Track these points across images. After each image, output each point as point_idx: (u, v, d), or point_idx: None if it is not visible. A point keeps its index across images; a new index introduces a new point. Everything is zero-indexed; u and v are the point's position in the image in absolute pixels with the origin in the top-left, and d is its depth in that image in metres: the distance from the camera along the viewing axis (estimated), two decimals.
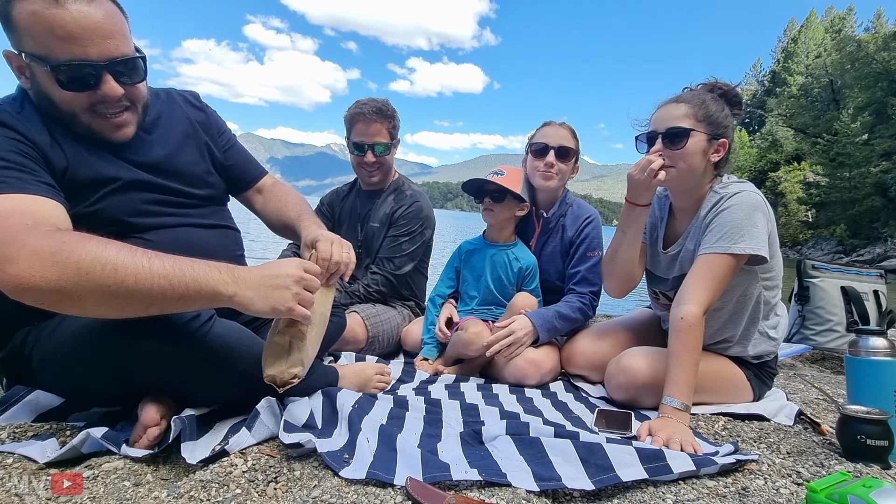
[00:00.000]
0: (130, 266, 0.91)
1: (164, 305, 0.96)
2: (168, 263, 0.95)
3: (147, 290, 0.92)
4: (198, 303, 1.00)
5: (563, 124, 2.13)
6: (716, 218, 1.51)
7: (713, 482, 1.09)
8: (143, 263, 0.92)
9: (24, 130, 1.08)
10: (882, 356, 1.35)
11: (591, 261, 2.04)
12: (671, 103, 1.58)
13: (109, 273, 0.90)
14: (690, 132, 1.52)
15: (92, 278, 0.89)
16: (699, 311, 1.42)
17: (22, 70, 1.12)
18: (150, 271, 0.92)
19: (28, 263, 0.88)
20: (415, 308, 2.49)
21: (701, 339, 1.43)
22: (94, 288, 0.90)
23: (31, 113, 1.12)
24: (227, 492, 0.94)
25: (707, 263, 1.47)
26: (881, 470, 1.19)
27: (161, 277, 0.93)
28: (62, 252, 0.89)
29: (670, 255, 1.71)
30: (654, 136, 1.57)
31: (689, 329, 1.41)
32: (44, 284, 0.88)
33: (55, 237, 0.92)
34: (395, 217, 2.34)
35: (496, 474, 1.02)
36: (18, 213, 0.95)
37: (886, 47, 25.54)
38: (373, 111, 2.25)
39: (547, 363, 1.88)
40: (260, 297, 1.04)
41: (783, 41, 48.73)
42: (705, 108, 1.54)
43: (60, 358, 1.12)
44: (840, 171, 26.94)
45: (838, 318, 2.85)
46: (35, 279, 0.88)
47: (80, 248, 0.91)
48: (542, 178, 2.06)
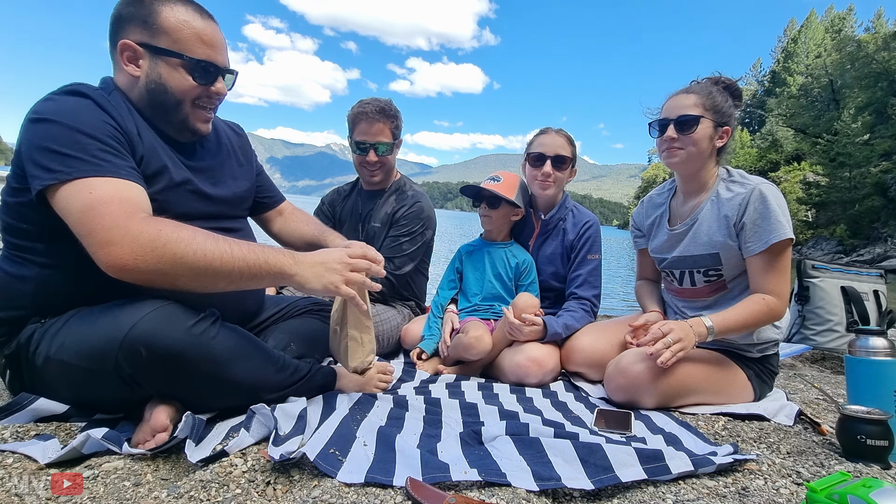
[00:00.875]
0: (216, 252, 1.09)
1: (241, 283, 1.14)
2: (245, 248, 1.14)
3: (230, 270, 1.11)
4: (267, 280, 1.21)
5: (560, 131, 2.17)
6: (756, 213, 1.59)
7: (713, 482, 1.09)
8: (225, 249, 1.11)
9: (116, 116, 1.20)
10: (882, 356, 1.35)
11: (591, 264, 2.11)
12: (682, 94, 1.71)
13: (200, 258, 1.07)
14: (700, 119, 1.65)
15: (185, 262, 1.06)
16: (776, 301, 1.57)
17: (133, 59, 1.26)
18: (231, 255, 1.11)
19: (131, 248, 1.03)
20: (415, 308, 2.49)
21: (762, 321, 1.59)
22: (187, 270, 1.07)
23: (119, 102, 1.25)
24: (227, 492, 0.94)
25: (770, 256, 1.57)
26: (881, 470, 1.19)
27: (240, 260, 1.12)
28: (160, 239, 1.04)
29: (676, 234, 1.79)
30: (667, 122, 1.70)
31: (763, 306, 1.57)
32: (144, 267, 1.04)
33: (153, 225, 1.06)
34: (397, 217, 2.34)
35: (496, 474, 1.02)
36: (118, 199, 1.07)
37: (886, 47, 25.54)
38: (376, 110, 2.26)
39: (549, 362, 1.89)
40: (315, 277, 1.23)
41: (783, 41, 48.75)
42: (712, 98, 1.67)
43: (64, 359, 1.12)
44: (840, 171, 26.94)
45: (838, 318, 2.85)
46: (137, 262, 1.03)
47: (175, 236, 1.06)
48: (539, 186, 2.13)
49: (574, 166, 2.18)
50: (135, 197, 1.11)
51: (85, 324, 1.13)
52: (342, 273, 1.27)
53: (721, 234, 1.65)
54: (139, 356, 1.05)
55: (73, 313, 1.17)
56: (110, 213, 1.04)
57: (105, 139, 1.13)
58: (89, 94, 1.18)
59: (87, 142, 1.11)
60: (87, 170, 1.08)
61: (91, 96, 1.18)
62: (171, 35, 1.24)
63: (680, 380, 1.58)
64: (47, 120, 1.11)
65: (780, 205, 1.58)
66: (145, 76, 1.26)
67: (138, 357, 1.05)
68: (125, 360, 1.06)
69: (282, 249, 1.23)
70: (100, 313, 1.12)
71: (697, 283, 1.74)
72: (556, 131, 2.17)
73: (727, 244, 1.64)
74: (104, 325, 1.09)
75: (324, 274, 1.24)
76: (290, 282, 1.21)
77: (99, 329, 1.09)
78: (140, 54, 1.25)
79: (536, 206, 2.23)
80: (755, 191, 1.59)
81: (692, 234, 1.73)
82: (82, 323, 1.13)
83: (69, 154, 1.08)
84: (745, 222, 1.60)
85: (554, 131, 2.17)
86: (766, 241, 1.55)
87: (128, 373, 1.08)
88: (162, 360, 1.07)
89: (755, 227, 1.58)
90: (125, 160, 1.15)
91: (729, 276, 1.69)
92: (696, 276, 1.74)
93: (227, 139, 1.55)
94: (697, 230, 1.72)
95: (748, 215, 1.59)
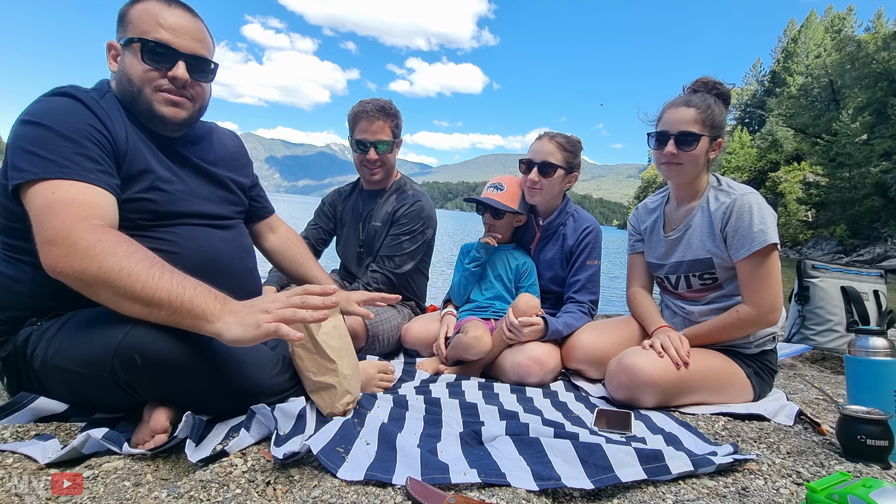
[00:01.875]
0: (141, 275, 1.03)
1: (159, 315, 1.05)
2: (176, 282, 1.05)
3: (149, 297, 1.03)
4: (186, 321, 1.05)
5: (554, 138, 2.11)
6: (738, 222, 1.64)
7: (713, 482, 1.09)
8: (153, 275, 1.04)
9: (104, 118, 1.21)
10: (882, 356, 1.35)
11: (590, 269, 2.11)
12: (682, 106, 1.72)
13: (123, 277, 1.02)
14: (701, 138, 1.69)
15: (108, 277, 1.02)
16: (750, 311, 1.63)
17: (115, 57, 1.30)
18: (156, 283, 1.03)
19: (66, 251, 1.02)
20: (415, 308, 2.49)
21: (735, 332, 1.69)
22: (108, 286, 1.02)
23: (111, 103, 1.27)
24: (227, 492, 0.94)
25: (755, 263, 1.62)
26: (881, 470, 1.19)
27: (163, 290, 1.03)
28: (94, 248, 1.02)
29: (671, 240, 1.83)
30: (667, 136, 1.72)
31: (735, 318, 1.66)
32: (70, 272, 1.02)
33: (96, 233, 1.05)
34: (397, 216, 2.34)
35: (495, 475, 1.02)
36: (77, 202, 1.07)
37: (886, 47, 25.52)
38: (376, 109, 2.27)
39: (550, 361, 1.89)
40: (236, 322, 1.05)
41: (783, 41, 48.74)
42: (711, 113, 1.70)
43: (61, 364, 1.12)
44: (840, 171, 26.91)
45: (838, 318, 2.85)
46: (64, 266, 1.02)
47: (110, 249, 1.03)
48: (528, 194, 2.14)
49: (571, 172, 2.13)
50: (95, 202, 1.10)
51: (80, 329, 1.13)
52: (269, 310, 1.07)
53: (711, 243, 1.71)
54: (134, 363, 1.05)
55: (70, 316, 1.17)
56: (63, 213, 1.05)
57: (82, 142, 1.14)
58: (77, 95, 1.20)
59: (61, 144, 1.12)
60: (56, 171, 1.10)
61: (79, 98, 1.19)
62: (134, 23, 1.27)
63: (682, 377, 1.59)
64: (31, 122, 1.13)
65: (762, 213, 1.62)
66: (118, 69, 1.30)
67: (133, 364, 1.05)
68: (120, 367, 1.06)
69: (218, 295, 1.08)
70: (95, 318, 1.12)
71: (693, 285, 1.79)
72: (549, 137, 2.12)
73: (717, 251, 1.69)
74: (99, 332, 1.09)
75: (245, 318, 1.05)
76: (208, 331, 1.05)
77: (94, 336, 1.09)
78: (118, 50, 1.29)
79: (536, 210, 2.23)
80: (738, 201, 1.65)
81: (686, 240, 1.78)
82: (78, 328, 1.13)
83: (41, 155, 1.10)
84: (728, 231, 1.66)
85: (548, 137, 2.12)
86: (749, 248, 1.60)
87: (123, 380, 1.08)
88: (157, 368, 1.07)
89: (737, 236, 1.63)
90: (100, 165, 1.16)
91: (723, 278, 1.73)
92: (691, 279, 1.78)
93: (225, 144, 1.55)
94: (691, 237, 1.77)
95: (731, 224, 1.65)
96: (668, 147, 1.70)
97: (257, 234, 1.76)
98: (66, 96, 1.19)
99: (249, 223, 1.71)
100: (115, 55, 1.30)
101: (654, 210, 1.96)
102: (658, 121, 1.79)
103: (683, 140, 1.69)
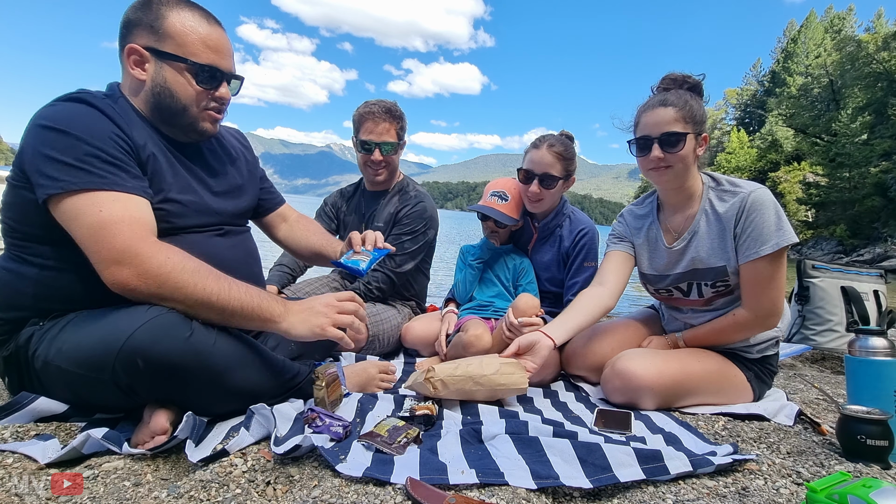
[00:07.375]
0: (215, 289, 1.14)
1: (231, 321, 1.18)
2: (243, 290, 1.18)
3: (223, 307, 1.14)
4: (255, 324, 1.21)
5: (553, 146, 2.07)
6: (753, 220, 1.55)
7: (713, 482, 1.09)
8: (224, 287, 1.15)
9: (122, 125, 1.20)
10: (882, 356, 1.35)
11: (587, 271, 2.09)
12: (659, 107, 1.62)
13: (199, 291, 1.12)
14: (686, 136, 1.59)
15: (185, 292, 1.11)
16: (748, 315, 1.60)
17: (139, 63, 1.27)
18: (228, 295, 1.15)
19: (137, 271, 1.08)
20: (415, 308, 2.49)
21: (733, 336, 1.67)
22: (184, 299, 1.11)
23: (125, 109, 1.26)
24: (227, 492, 0.94)
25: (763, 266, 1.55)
26: (881, 470, 1.19)
27: (236, 301, 1.16)
28: (166, 266, 1.10)
29: (676, 250, 1.73)
30: (650, 141, 1.63)
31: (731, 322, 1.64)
32: (146, 290, 1.09)
33: (162, 252, 1.11)
34: (400, 217, 2.35)
35: (493, 474, 1.02)
36: (128, 219, 1.11)
37: (886, 47, 25.51)
38: (382, 110, 2.29)
39: (549, 361, 1.88)
40: (301, 322, 1.23)
41: (783, 41, 48.72)
42: (690, 109, 1.61)
43: (62, 365, 1.12)
44: (840, 171, 26.90)
45: (838, 318, 2.85)
46: (140, 285, 1.08)
47: (181, 266, 1.11)
48: (528, 204, 2.14)
49: (570, 178, 2.13)
50: (143, 217, 1.15)
51: (82, 331, 1.12)
52: (329, 315, 1.26)
53: (722, 250, 1.62)
54: (136, 367, 1.05)
55: (72, 317, 1.17)
56: (121, 233, 1.08)
57: (109, 150, 1.14)
58: (94, 102, 1.18)
59: (92, 152, 1.12)
60: (93, 182, 1.10)
61: (96, 105, 1.18)
62: (177, 39, 1.25)
63: (678, 381, 1.58)
64: (53, 128, 1.11)
65: (778, 209, 1.54)
66: (151, 80, 1.27)
67: (135, 367, 1.05)
68: (122, 370, 1.06)
69: (276, 297, 1.25)
70: (97, 320, 1.12)
71: (705, 294, 1.70)
72: (548, 146, 2.07)
73: (730, 256, 1.61)
74: (101, 334, 1.08)
75: (310, 318, 1.24)
76: (277, 329, 1.22)
77: (96, 338, 1.09)
78: (146, 58, 1.26)
79: (533, 213, 2.23)
80: (750, 196, 1.56)
81: (694, 249, 1.68)
82: (80, 330, 1.13)
83: (73, 164, 1.10)
84: (739, 230, 1.58)
85: (546, 146, 2.07)
86: (761, 249, 1.52)
87: (125, 382, 1.08)
88: (159, 371, 1.07)
89: (751, 235, 1.55)
90: (130, 172, 1.17)
91: (735, 283, 1.65)
92: (703, 288, 1.70)
93: (230, 146, 1.56)
94: (699, 245, 1.67)
95: (743, 223, 1.57)
96: (653, 152, 1.61)
97: (270, 225, 1.76)
98: (83, 103, 1.18)
99: (262, 216, 1.73)
100: (138, 61, 1.27)
101: (643, 217, 1.86)
102: (636, 126, 1.69)
103: (668, 141, 1.59)
